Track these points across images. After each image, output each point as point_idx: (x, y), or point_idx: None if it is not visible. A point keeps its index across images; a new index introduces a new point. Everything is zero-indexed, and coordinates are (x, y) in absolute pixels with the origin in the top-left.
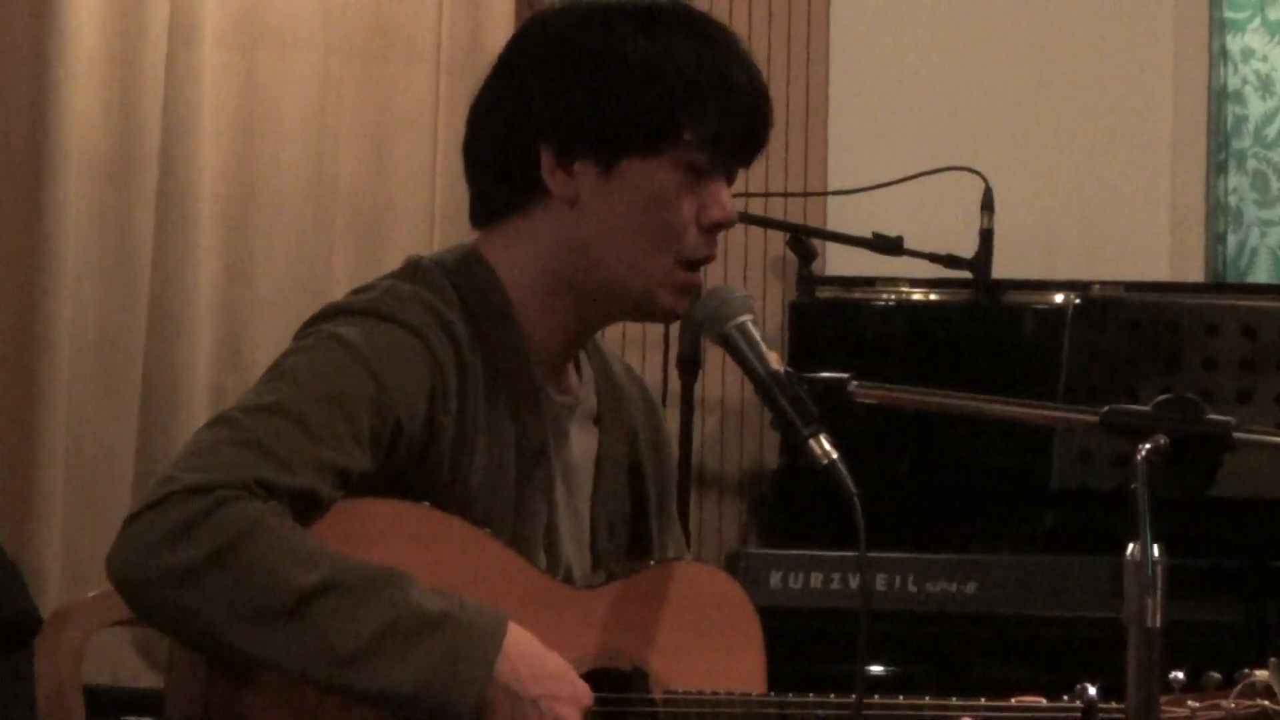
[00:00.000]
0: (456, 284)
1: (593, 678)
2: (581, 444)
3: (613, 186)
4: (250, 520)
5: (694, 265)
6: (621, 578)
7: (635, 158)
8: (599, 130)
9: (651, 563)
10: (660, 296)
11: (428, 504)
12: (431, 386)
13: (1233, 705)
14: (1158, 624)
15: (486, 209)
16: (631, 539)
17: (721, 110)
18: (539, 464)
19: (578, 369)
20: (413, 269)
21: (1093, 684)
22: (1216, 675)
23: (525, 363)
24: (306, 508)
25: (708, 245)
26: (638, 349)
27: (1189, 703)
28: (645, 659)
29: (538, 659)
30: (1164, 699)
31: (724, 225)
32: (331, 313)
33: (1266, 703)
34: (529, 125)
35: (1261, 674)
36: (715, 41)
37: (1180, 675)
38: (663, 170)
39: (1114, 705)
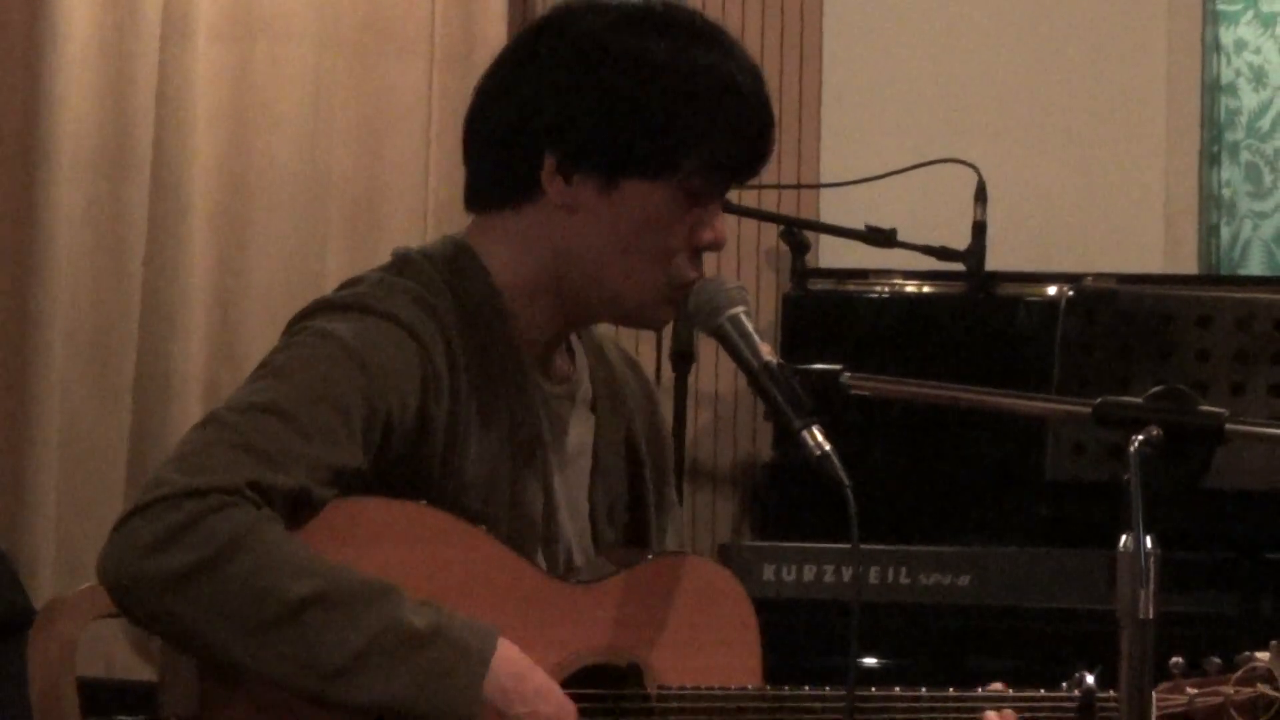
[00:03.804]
0: (445, 276)
1: (589, 674)
2: (578, 432)
3: (611, 202)
4: (242, 528)
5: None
6: (618, 571)
7: (637, 179)
8: (606, 149)
9: (649, 556)
10: (654, 310)
11: (422, 502)
12: (422, 379)
13: (1232, 691)
14: (1150, 616)
15: (481, 196)
16: (629, 525)
17: (728, 140)
18: (534, 453)
19: (571, 356)
20: (401, 262)
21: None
22: (1217, 660)
23: (516, 353)
24: (300, 507)
25: (695, 267)
26: (630, 340)
27: (1188, 689)
28: (642, 654)
29: (524, 676)
30: (1164, 685)
31: (713, 248)
32: (320, 308)
33: (1265, 688)
34: (536, 127)
35: (1263, 656)
36: (732, 67)
37: (1181, 660)
38: (662, 193)
39: (1112, 694)
